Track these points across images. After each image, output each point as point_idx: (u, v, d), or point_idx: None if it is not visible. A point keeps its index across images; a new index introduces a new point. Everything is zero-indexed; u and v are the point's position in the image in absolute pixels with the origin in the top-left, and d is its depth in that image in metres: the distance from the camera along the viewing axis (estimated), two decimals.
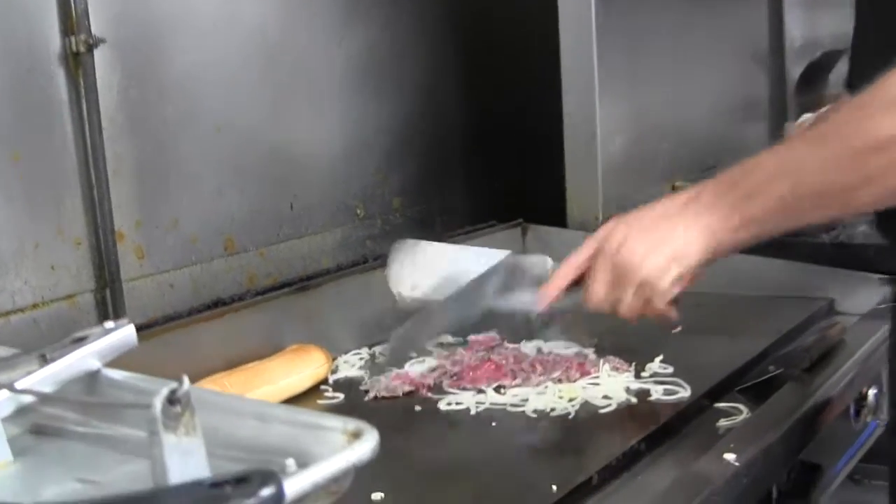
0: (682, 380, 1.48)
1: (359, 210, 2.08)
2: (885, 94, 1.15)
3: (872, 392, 1.62)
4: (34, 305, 1.53)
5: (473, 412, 1.45)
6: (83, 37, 1.55)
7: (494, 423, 1.42)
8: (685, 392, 1.45)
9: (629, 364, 1.56)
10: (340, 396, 1.56)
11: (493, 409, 1.46)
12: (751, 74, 2.86)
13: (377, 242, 2.10)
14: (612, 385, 1.49)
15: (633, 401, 1.46)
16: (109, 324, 1.04)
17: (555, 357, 1.59)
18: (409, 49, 2.19)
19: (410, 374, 1.58)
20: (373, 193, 2.11)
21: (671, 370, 1.54)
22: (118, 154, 1.63)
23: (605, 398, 1.46)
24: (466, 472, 1.27)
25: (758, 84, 2.87)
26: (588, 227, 2.13)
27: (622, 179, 2.23)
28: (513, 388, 1.51)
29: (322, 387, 1.60)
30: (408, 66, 2.18)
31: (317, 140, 1.99)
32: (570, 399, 1.46)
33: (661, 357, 1.57)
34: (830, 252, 1.92)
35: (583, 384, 1.50)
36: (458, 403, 1.48)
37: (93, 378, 1.02)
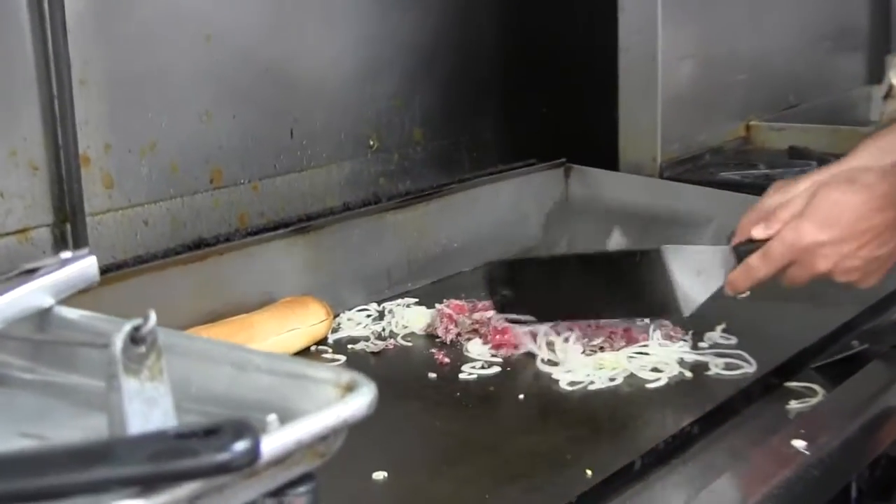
0: (748, 353, 1.49)
1: (372, 141, 2.07)
2: None
3: None
4: None
5: (495, 385, 1.45)
6: None
7: (522, 397, 1.43)
8: (750, 367, 1.46)
9: (685, 332, 1.56)
10: (342, 359, 1.57)
11: (520, 380, 1.46)
12: None
13: (392, 180, 2.09)
14: (664, 356, 1.50)
15: (688, 375, 1.46)
16: (66, 254, 1.04)
17: (597, 321, 1.59)
18: None
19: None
20: (389, 122, 2.11)
21: (734, 341, 1.55)
22: (85, 61, 1.62)
23: (655, 371, 1.46)
24: (484, 451, 1.27)
25: (855, 8, 2.85)
26: (643, 170, 2.13)
27: (686, 116, 2.22)
28: (547, 356, 1.51)
29: (320, 347, 1.61)
30: None
31: (325, 56, 1.99)
32: (613, 370, 1.46)
33: (724, 326, 1.57)
34: None
35: (629, 353, 1.50)
36: (482, 369, 1.49)
37: (44, 317, 1.02)
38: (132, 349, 0.80)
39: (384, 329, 1.69)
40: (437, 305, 1.70)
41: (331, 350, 1.61)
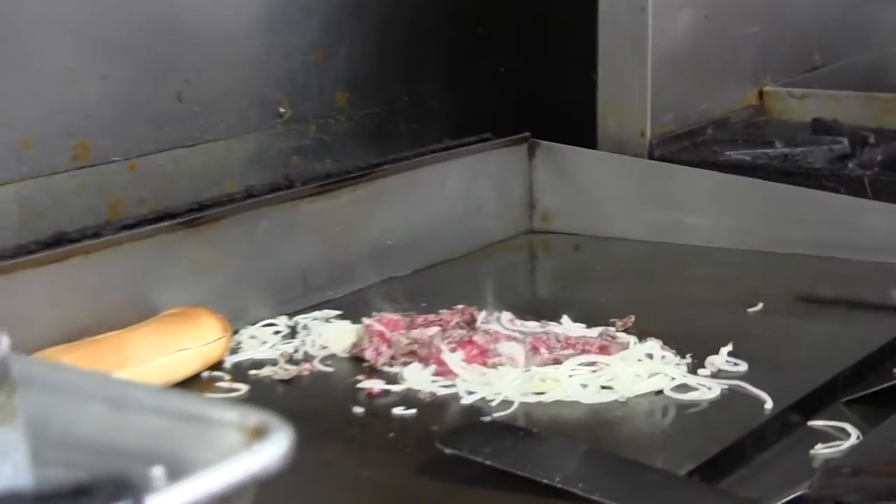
0: (761, 383, 1.49)
1: (283, 108, 2.08)
2: None
3: None
4: None
5: (439, 423, 1.47)
6: None
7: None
8: (766, 402, 1.46)
9: (681, 353, 1.57)
10: (242, 389, 1.58)
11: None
12: None
13: (309, 158, 2.10)
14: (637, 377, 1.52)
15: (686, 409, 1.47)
16: None
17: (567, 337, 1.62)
18: None
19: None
20: (305, 83, 2.11)
21: (744, 368, 1.55)
22: None
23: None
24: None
25: None
26: (628, 148, 2.14)
27: (685, 78, 2.23)
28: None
29: (214, 373, 1.62)
30: None
31: (221, 1, 1.99)
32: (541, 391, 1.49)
33: (730, 348, 1.58)
34: None
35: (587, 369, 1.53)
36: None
37: None
38: None
39: (297, 350, 1.69)
40: (365, 320, 1.69)
41: (228, 377, 1.61)
